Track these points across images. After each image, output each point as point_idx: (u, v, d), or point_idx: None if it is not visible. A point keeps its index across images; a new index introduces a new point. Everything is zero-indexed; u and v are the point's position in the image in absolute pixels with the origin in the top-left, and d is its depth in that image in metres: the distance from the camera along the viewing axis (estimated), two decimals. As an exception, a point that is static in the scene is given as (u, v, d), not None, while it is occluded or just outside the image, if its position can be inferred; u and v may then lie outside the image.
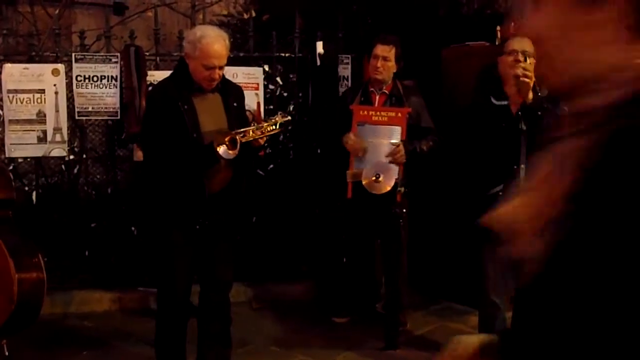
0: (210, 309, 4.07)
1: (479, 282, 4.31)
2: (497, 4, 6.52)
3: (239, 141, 3.72)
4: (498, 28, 5.44)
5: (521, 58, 4.02)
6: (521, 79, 3.95)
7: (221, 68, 3.80)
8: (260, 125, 3.91)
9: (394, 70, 4.85)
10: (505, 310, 4.30)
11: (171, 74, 3.97)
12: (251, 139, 3.82)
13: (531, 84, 3.97)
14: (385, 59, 4.78)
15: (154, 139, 3.85)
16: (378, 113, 4.79)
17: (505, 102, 4.10)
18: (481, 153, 4.19)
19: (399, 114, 4.77)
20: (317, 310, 5.51)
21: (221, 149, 3.67)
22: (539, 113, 3.92)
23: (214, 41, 3.76)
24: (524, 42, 4.07)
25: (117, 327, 5.22)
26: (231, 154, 3.69)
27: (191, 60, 3.78)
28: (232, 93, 3.99)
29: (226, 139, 3.69)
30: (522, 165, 4.04)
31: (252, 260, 5.59)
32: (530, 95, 3.98)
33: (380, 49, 4.79)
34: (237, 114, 3.95)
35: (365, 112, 4.80)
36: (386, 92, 4.89)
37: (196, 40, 3.75)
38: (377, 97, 4.91)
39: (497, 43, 5.32)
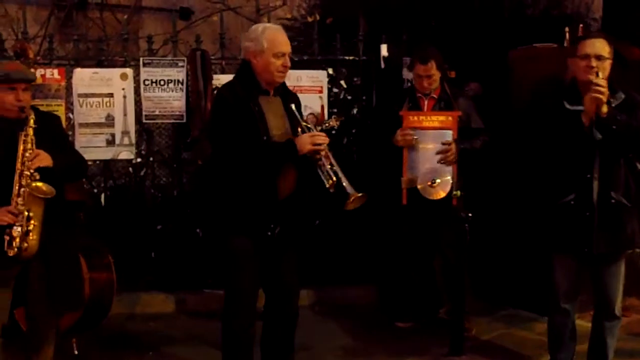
0: (277, 315, 4.03)
1: (548, 288, 4.20)
2: (563, 5, 6.40)
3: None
4: (567, 29, 5.31)
5: (594, 63, 3.77)
6: (594, 95, 3.65)
7: (288, 56, 3.81)
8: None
9: (440, 76, 4.87)
10: (574, 317, 4.20)
11: (235, 77, 3.95)
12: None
13: (605, 99, 3.67)
14: (429, 77, 4.81)
15: (225, 138, 3.77)
16: (428, 118, 4.73)
17: (579, 107, 3.81)
18: (553, 160, 3.98)
19: (450, 118, 4.72)
20: (380, 315, 5.48)
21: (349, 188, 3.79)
22: (614, 127, 3.71)
23: (277, 30, 3.85)
24: (597, 45, 3.83)
25: (182, 328, 5.28)
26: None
27: (259, 57, 3.75)
28: (290, 96, 3.98)
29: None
30: (596, 175, 3.86)
31: (315, 264, 5.58)
32: (605, 108, 3.68)
33: (422, 70, 4.82)
34: (296, 116, 3.90)
35: (416, 118, 4.75)
36: (434, 96, 4.85)
37: (259, 35, 3.76)
38: (426, 102, 4.88)
39: (565, 45, 5.20)
